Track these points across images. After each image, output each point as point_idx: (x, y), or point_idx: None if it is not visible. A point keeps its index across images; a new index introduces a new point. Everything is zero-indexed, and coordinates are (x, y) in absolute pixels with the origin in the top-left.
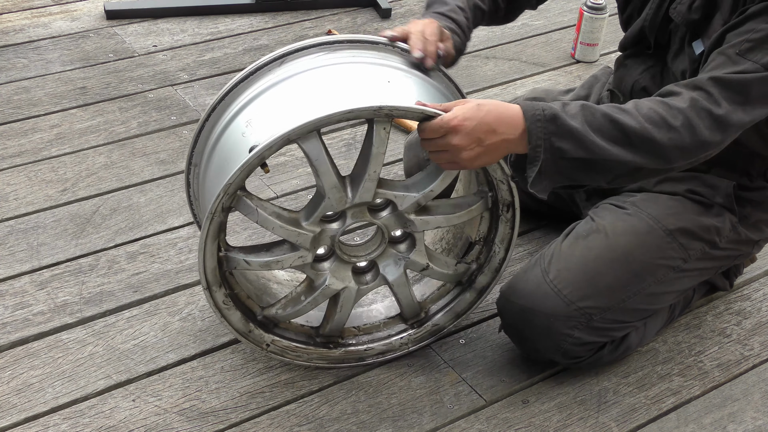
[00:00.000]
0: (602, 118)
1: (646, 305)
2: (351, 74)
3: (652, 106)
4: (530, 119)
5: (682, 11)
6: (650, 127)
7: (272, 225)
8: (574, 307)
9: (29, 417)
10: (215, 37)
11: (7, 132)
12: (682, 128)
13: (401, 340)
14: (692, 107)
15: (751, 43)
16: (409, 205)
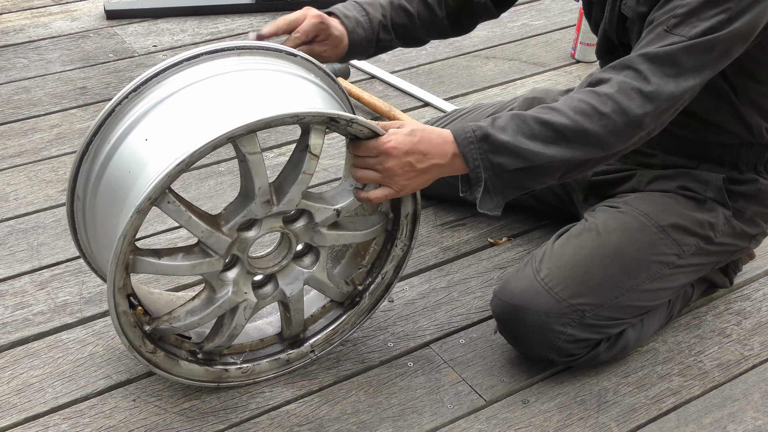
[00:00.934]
0: (533, 122)
1: (641, 302)
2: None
3: (581, 97)
4: (462, 143)
5: (632, 6)
6: (581, 119)
7: (197, 321)
8: (565, 304)
9: (29, 417)
10: (215, 37)
11: (7, 132)
12: (613, 113)
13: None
14: (620, 90)
15: (677, 18)
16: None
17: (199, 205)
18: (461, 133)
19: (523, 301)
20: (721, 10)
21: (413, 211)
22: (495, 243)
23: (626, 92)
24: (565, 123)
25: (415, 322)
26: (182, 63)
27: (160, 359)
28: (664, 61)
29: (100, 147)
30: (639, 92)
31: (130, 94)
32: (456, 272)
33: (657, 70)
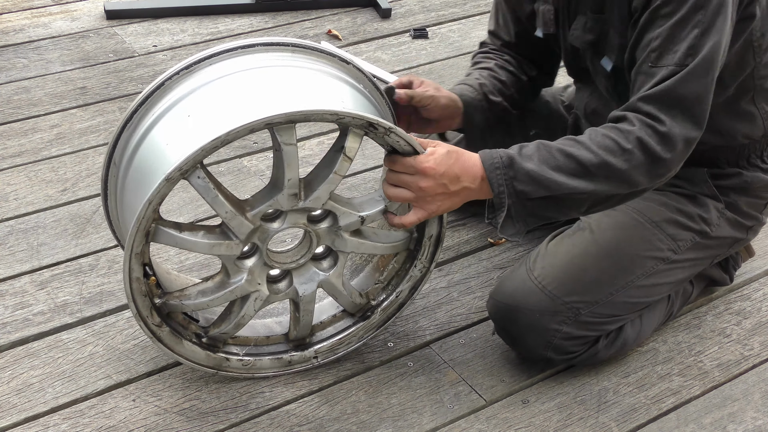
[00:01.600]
0: (558, 153)
1: (637, 298)
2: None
3: (605, 132)
4: (489, 168)
5: (578, 35)
6: (604, 153)
7: (204, 303)
8: (560, 302)
9: (29, 417)
10: (215, 37)
11: (7, 132)
12: (636, 149)
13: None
14: (641, 128)
15: (656, 51)
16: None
17: (198, 205)
18: (489, 158)
19: (517, 300)
20: (692, 26)
21: (437, 234)
22: (495, 243)
23: (646, 130)
24: (588, 157)
25: (415, 322)
26: (236, 50)
27: (165, 334)
28: (665, 100)
29: (143, 117)
30: (655, 131)
31: (182, 71)
32: (456, 272)
33: (662, 110)
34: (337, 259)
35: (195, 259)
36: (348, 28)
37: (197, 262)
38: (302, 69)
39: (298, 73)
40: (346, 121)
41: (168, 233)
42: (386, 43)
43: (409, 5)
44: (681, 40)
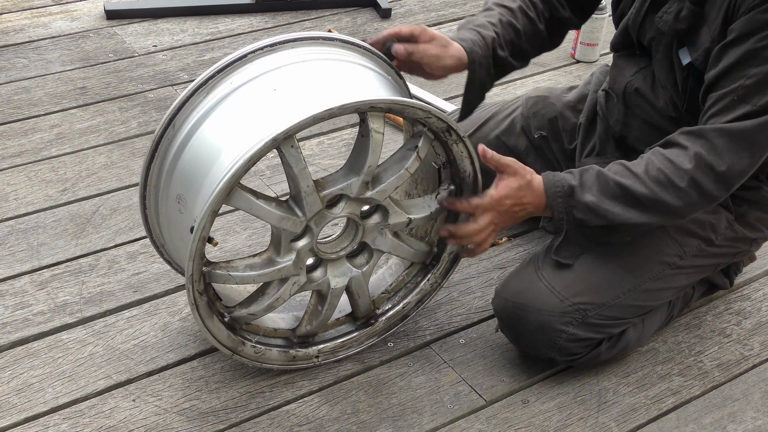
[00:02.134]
0: (615, 186)
1: (643, 302)
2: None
3: (659, 166)
4: (551, 196)
5: (668, 20)
6: (659, 190)
7: (251, 278)
8: (568, 303)
9: (29, 417)
10: (215, 37)
11: (7, 132)
12: (689, 188)
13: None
14: (696, 166)
15: (746, 89)
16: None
17: None
18: (551, 185)
19: (526, 299)
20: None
21: (457, 252)
22: (495, 243)
23: (702, 169)
24: (643, 192)
25: (415, 322)
26: (318, 39)
27: (202, 305)
28: (739, 138)
29: (218, 83)
30: (713, 170)
31: (266, 47)
32: (456, 272)
33: (731, 147)
34: (372, 257)
35: None
36: (348, 28)
37: None
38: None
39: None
40: (429, 120)
41: (246, 197)
42: None
43: (409, 5)
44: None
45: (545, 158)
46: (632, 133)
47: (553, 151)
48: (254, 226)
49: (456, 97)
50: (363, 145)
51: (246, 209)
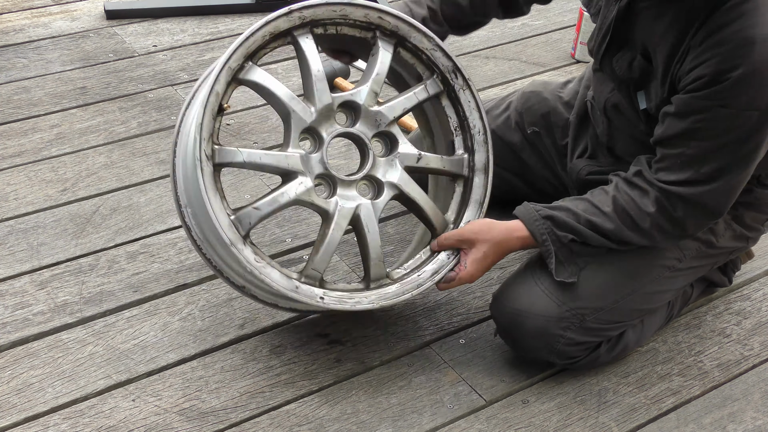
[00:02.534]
0: (585, 222)
1: (641, 305)
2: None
3: (625, 206)
4: (529, 222)
5: (623, 68)
6: (624, 229)
7: (258, 156)
8: (565, 308)
9: (29, 417)
10: (215, 37)
11: (7, 132)
12: (651, 229)
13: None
14: (658, 211)
15: (688, 158)
16: (367, 95)
17: None
18: (526, 214)
19: (523, 304)
20: (725, 154)
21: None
22: None
23: (661, 212)
24: (611, 229)
25: (415, 322)
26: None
27: (207, 172)
28: (690, 201)
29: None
30: (670, 216)
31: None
32: None
33: (682, 206)
34: (381, 191)
35: (195, 260)
36: None
37: (197, 262)
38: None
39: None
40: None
41: (261, 72)
42: None
43: None
44: (712, 162)
45: (539, 154)
46: (618, 145)
47: (546, 147)
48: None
49: None
50: (372, 60)
51: (261, 82)
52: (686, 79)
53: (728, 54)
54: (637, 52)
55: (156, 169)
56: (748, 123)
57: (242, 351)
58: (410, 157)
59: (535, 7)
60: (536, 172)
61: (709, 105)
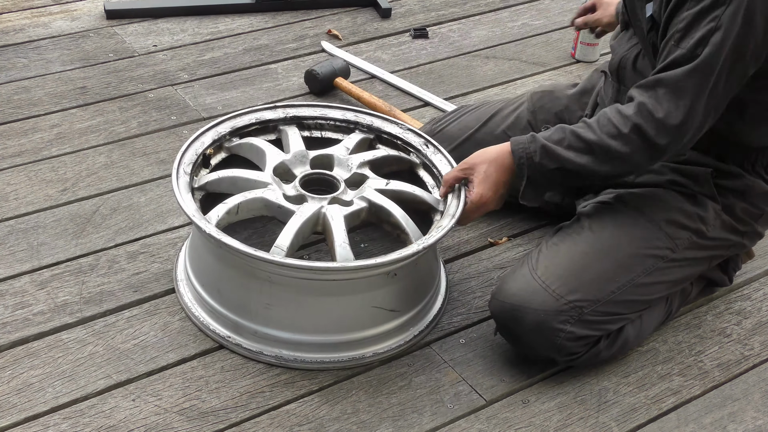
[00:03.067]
0: (570, 134)
1: (638, 296)
2: None
3: (609, 116)
4: (514, 144)
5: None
6: (605, 136)
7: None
8: (563, 301)
9: (29, 417)
10: (215, 36)
11: (7, 132)
12: (632, 133)
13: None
14: (638, 113)
15: (680, 32)
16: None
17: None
18: (515, 139)
19: (521, 300)
20: (710, 19)
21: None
22: (495, 243)
23: (643, 115)
24: (592, 138)
25: None
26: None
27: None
28: (673, 87)
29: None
30: (652, 117)
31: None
32: (456, 272)
33: (668, 96)
34: (349, 205)
35: None
36: (348, 28)
37: None
38: None
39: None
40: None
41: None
42: (386, 42)
43: (409, 5)
44: (698, 29)
45: None
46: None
47: None
48: (253, 226)
49: (456, 96)
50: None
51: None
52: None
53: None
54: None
55: (156, 169)
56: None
57: None
58: (379, 182)
59: (536, 7)
60: None
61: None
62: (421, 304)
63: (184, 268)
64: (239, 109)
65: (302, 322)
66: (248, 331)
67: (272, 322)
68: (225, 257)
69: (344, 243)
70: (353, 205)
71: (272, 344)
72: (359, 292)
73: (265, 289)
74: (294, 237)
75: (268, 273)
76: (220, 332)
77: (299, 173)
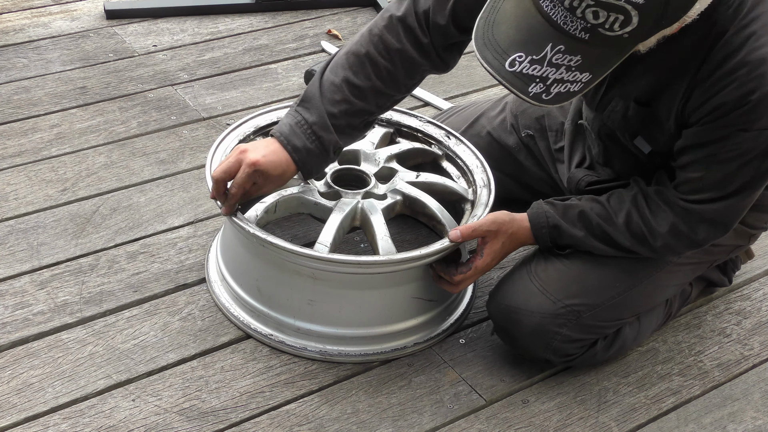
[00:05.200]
0: (598, 229)
1: (639, 302)
2: None
3: (638, 223)
4: (536, 228)
5: (616, 119)
6: (636, 243)
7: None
8: (561, 305)
9: (29, 417)
10: (215, 36)
11: (7, 132)
12: (662, 249)
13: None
14: (671, 233)
15: (710, 182)
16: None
17: (198, 205)
18: (536, 219)
19: (519, 302)
20: (751, 168)
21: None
22: None
23: (677, 237)
24: (623, 243)
25: None
26: None
27: None
28: (713, 215)
29: None
30: (688, 238)
31: None
32: None
33: (705, 224)
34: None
35: (195, 260)
36: (348, 28)
37: (197, 262)
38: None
39: None
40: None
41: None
42: None
43: None
44: (738, 179)
45: (535, 157)
46: (616, 166)
47: (540, 150)
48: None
49: (456, 96)
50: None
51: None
52: (699, 112)
53: (745, 79)
54: (630, 100)
55: (156, 169)
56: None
57: (242, 351)
58: (409, 175)
59: None
60: (532, 174)
61: (730, 131)
62: (455, 293)
63: (217, 269)
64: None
65: (345, 316)
66: (291, 329)
67: (315, 318)
68: (266, 256)
69: (386, 236)
70: (388, 199)
71: (316, 340)
72: (401, 283)
73: (308, 286)
74: (336, 233)
75: (312, 269)
76: (261, 330)
77: (328, 170)
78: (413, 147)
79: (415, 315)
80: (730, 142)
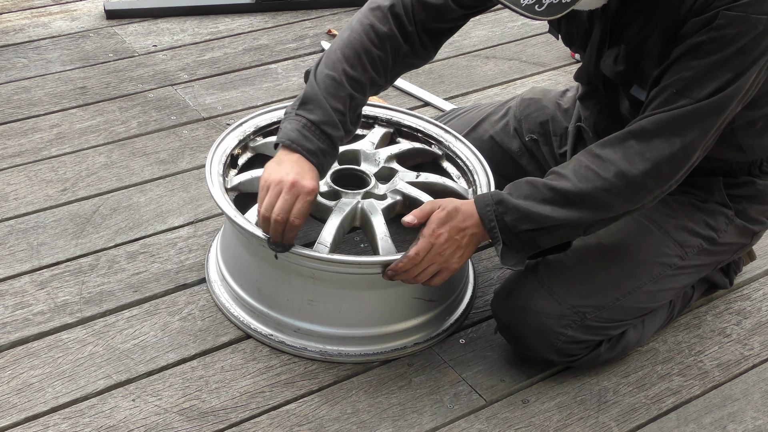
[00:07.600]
0: (543, 187)
1: (643, 303)
2: None
3: (586, 163)
4: (480, 206)
5: (609, 65)
6: (583, 184)
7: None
8: (566, 306)
9: (29, 417)
10: (215, 36)
11: (7, 132)
12: (615, 177)
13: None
14: (624, 156)
15: (685, 82)
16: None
17: (198, 205)
18: (480, 199)
19: (524, 302)
20: (728, 69)
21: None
22: None
23: (629, 157)
24: (569, 188)
25: None
26: None
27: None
28: (672, 124)
29: None
30: (642, 156)
31: None
32: None
33: (663, 134)
34: (384, 199)
35: (195, 260)
36: None
37: (197, 262)
38: None
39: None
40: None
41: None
42: None
43: None
44: (713, 79)
45: (537, 162)
46: None
47: (544, 155)
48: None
49: (456, 96)
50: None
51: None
52: (691, 27)
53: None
54: (624, 45)
55: (156, 169)
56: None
57: (242, 351)
58: (410, 175)
59: None
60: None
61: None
62: (455, 293)
63: (217, 269)
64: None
65: (345, 316)
66: (291, 329)
67: (315, 318)
68: (266, 256)
69: (386, 236)
70: (388, 199)
71: (316, 340)
72: (401, 283)
73: (308, 286)
74: (336, 233)
75: (312, 270)
76: (261, 331)
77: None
78: (413, 147)
79: (415, 315)
80: (717, 34)
